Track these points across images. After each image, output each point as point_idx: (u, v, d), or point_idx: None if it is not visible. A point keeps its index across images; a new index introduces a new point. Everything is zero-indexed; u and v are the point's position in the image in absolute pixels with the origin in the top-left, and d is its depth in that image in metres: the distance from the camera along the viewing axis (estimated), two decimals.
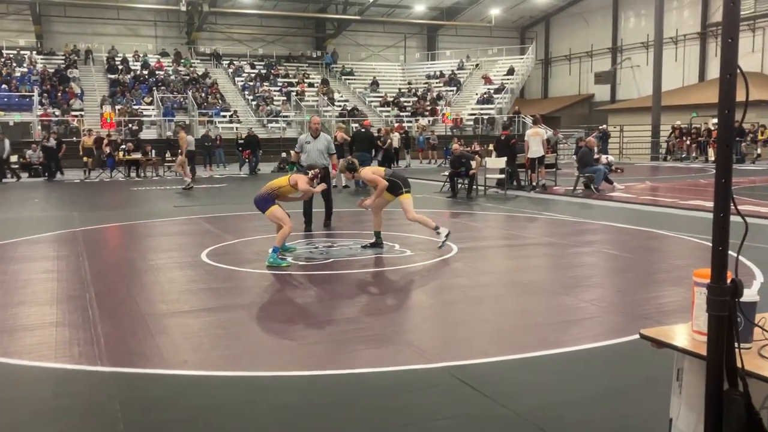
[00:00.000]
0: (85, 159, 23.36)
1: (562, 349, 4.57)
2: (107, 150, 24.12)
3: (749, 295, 2.02)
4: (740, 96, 1.93)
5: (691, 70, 36.52)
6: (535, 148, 16.42)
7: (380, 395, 3.85)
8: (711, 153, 26.92)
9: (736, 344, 1.91)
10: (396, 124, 33.28)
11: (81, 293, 6.30)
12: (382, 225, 8.64)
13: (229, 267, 7.52)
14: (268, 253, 7.52)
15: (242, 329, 5.23)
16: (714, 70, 33.13)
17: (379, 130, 24.39)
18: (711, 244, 1.95)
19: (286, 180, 7.76)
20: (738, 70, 1.87)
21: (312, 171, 7.97)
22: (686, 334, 2.20)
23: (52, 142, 23.00)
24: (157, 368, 4.30)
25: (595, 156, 16.78)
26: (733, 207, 1.91)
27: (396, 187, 8.32)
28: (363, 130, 18.21)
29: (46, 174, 22.96)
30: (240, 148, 25.88)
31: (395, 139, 28.25)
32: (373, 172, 8.47)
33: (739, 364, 1.90)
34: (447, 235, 8.33)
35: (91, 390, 3.99)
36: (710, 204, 1.95)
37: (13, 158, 23.88)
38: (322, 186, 8.38)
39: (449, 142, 24.38)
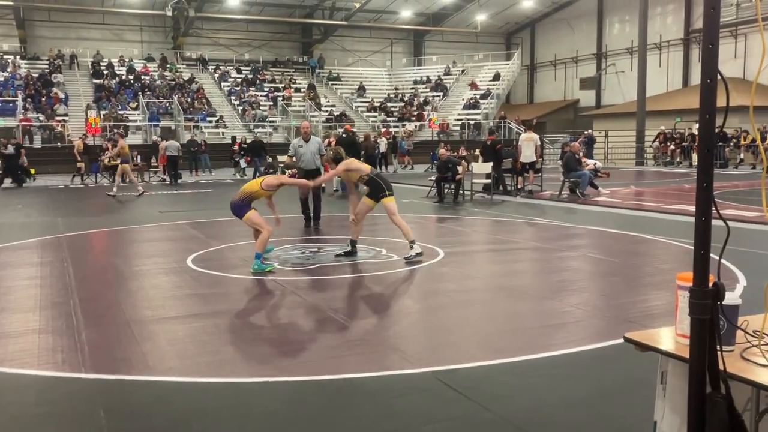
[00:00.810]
0: (78, 165, 23.17)
1: (547, 353, 4.59)
2: (113, 153, 23.67)
3: (731, 298, 2.04)
4: (722, 101, 1.95)
5: (675, 76, 36.87)
6: (528, 153, 16.49)
7: (367, 401, 3.84)
8: (695, 158, 27.15)
9: (718, 347, 1.92)
10: (383, 129, 33.35)
11: (65, 300, 6.24)
12: (360, 234, 8.43)
13: (215, 273, 7.48)
14: (252, 260, 7.50)
15: (228, 335, 5.21)
16: (698, 76, 33.21)
17: (365, 135, 24.43)
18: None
19: (257, 184, 7.70)
20: (719, 76, 1.89)
21: (289, 171, 7.97)
22: (670, 337, 2.22)
23: (11, 149, 22.56)
24: (142, 375, 4.27)
25: (579, 157, 16.84)
26: (714, 211, 1.93)
27: (378, 189, 8.02)
28: (345, 134, 18.56)
29: (10, 180, 22.32)
30: (242, 153, 25.49)
31: (383, 144, 28.32)
32: (357, 165, 8.19)
33: (721, 367, 1.91)
34: (418, 255, 7.88)
35: (75, 397, 3.95)
36: (694, 208, 1.96)
37: None
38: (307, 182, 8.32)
39: (436, 147, 24.44)
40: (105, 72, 35.30)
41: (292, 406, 3.79)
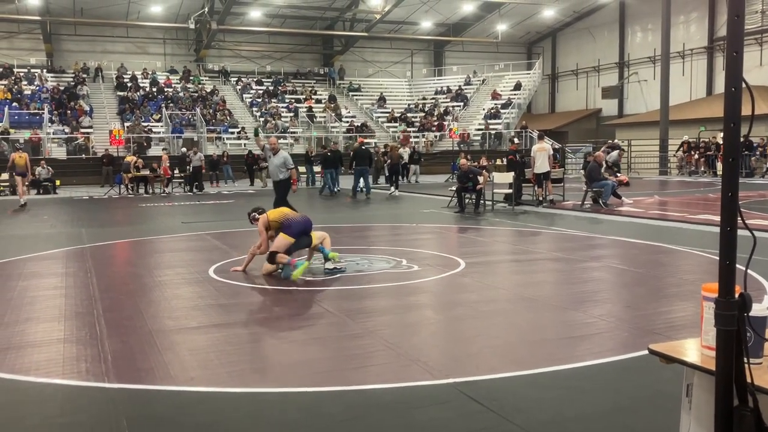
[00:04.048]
0: (128, 175, 23.47)
1: (570, 364, 4.53)
2: (138, 165, 23.66)
3: (759, 309, 2.00)
4: (747, 110, 1.92)
5: (699, 84, 36.52)
6: (540, 164, 16.41)
7: (387, 412, 3.82)
8: (719, 167, 26.84)
9: (745, 359, 1.88)
10: (402, 136, 33.42)
11: (89, 309, 6.31)
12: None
13: (237, 283, 7.52)
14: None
15: (249, 345, 5.22)
16: (721, 84, 33.00)
17: (385, 146, 24.52)
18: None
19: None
20: (744, 84, 1.87)
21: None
22: (695, 349, 2.18)
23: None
24: (164, 385, 4.29)
25: (610, 164, 16.75)
26: (740, 221, 1.90)
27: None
28: (363, 147, 19.84)
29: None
30: (321, 165, 22.92)
31: (405, 154, 28.39)
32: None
33: (749, 380, 1.87)
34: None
35: (98, 406, 3.98)
36: (719, 218, 1.93)
37: None
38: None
39: (456, 158, 24.41)
40: (129, 84, 35.84)
41: (311, 416, 3.78)
